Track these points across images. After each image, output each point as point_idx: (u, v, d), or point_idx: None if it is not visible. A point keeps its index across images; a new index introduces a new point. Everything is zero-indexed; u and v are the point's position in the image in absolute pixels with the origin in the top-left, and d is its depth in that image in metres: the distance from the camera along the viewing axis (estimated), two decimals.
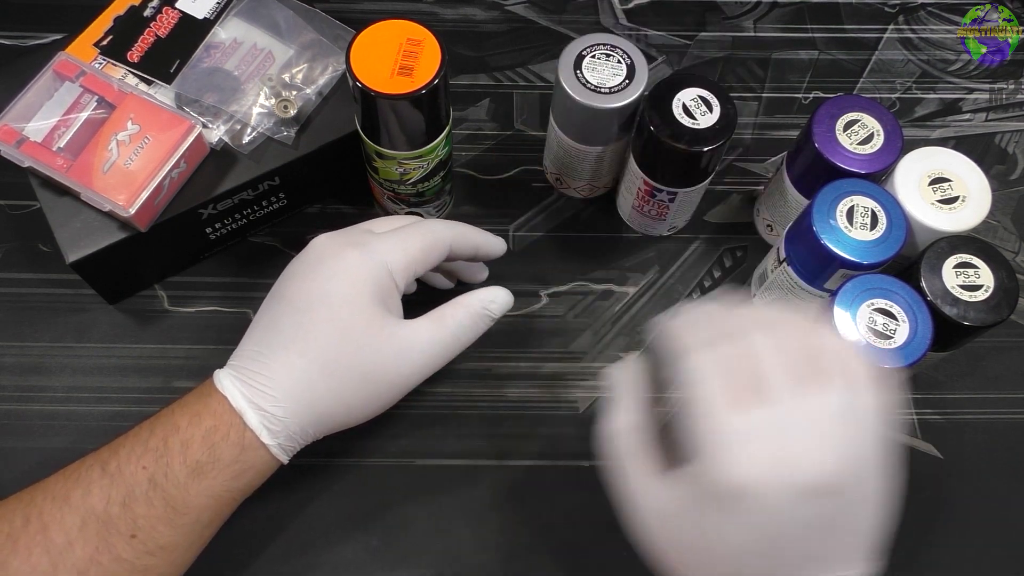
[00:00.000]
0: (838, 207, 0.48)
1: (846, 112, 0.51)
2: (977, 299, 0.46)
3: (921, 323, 0.45)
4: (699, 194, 0.56)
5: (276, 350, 0.43)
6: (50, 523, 0.40)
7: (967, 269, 0.47)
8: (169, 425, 0.43)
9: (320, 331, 0.43)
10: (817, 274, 0.49)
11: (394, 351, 0.45)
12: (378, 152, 0.50)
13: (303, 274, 0.45)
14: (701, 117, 0.50)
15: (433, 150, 0.50)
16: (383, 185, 0.53)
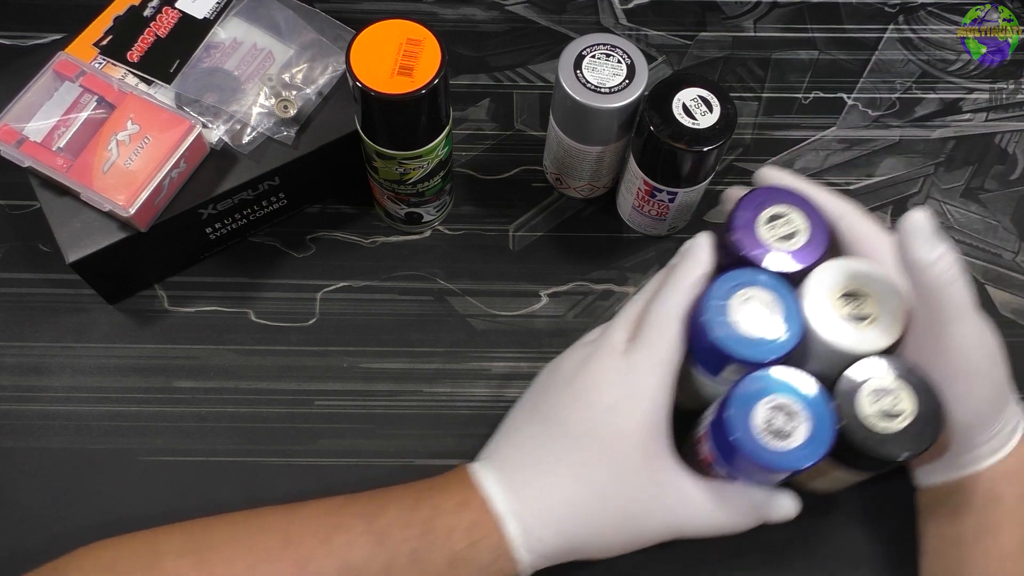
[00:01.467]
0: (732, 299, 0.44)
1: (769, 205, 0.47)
2: (892, 429, 0.42)
3: (822, 423, 0.41)
4: (699, 194, 0.56)
5: (545, 468, 0.43)
6: (310, 559, 0.40)
7: (887, 394, 0.43)
8: (433, 504, 0.42)
9: (598, 465, 0.42)
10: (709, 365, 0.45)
11: (671, 500, 0.43)
12: (378, 152, 0.50)
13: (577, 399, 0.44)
14: (701, 117, 0.50)
15: (433, 150, 0.50)
16: (383, 185, 0.53)
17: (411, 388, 0.55)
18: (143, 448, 0.53)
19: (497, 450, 0.45)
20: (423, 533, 0.41)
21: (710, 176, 0.54)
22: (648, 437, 0.43)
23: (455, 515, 0.42)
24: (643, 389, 0.43)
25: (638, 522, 0.43)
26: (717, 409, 0.43)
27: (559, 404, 0.44)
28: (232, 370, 0.55)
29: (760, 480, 0.44)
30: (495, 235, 0.60)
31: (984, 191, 0.63)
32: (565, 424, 0.43)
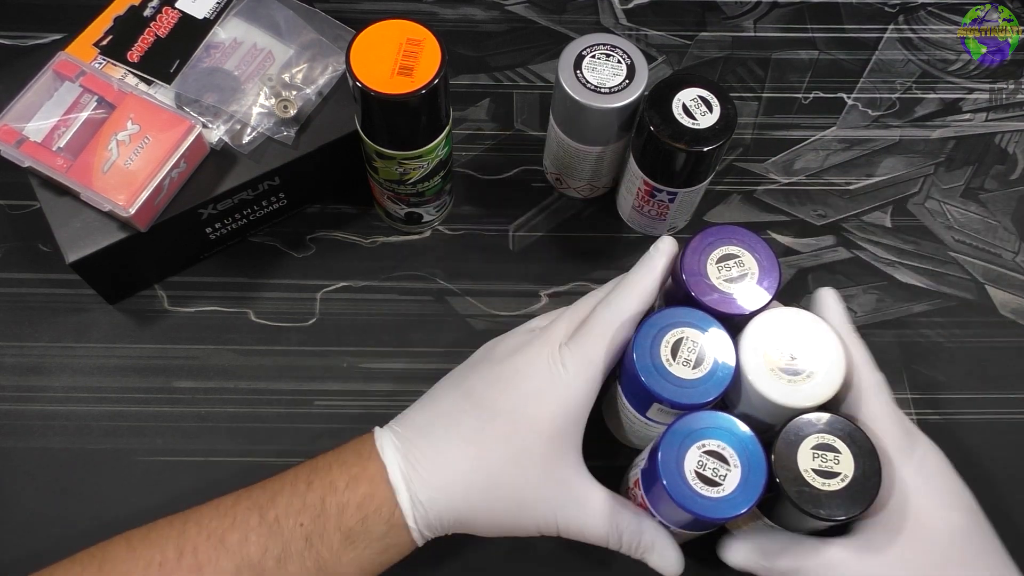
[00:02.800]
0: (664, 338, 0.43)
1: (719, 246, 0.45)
2: (831, 488, 0.41)
3: (754, 469, 0.40)
4: (699, 194, 0.56)
5: (449, 441, 0.43)
6: (205, 564, 0.40)
7: (826, 452, 0.41)
8: (327, 482, 0.42)
9: (500, 445, 0.42)
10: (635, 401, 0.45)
11: (563, 499, 0.43)
12: (378, 152, 0.50)
13: (500, 379, 0.44)
14: (701, 117, 0.50)
15: (433, 150, 0.50)
16: (383, 185, 0.53)
17: (411, 388, 0.54)
18: (143, 448, 0.53)
19: (407, 416, 0.45)
20: (315, 517, 0.41)
21: (710, 176, 0.54)
22: (559, 432, 0.43)
23: (347, 491, 0.42)
24: (568, 385, 0.43)
25: (524, 510, 0.43)
26: (648, 455, 0.43)
27: (482, 382, 0.44)
28: (232, 370, 0.55)
29: (689, 527, 0.43)
30: (495, 235, 0.60)
31: (984, 191, 0.63)
32: (482, 401, 0.43)
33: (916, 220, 0.62)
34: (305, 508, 0.42)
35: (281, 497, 0.42)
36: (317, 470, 0.43)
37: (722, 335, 0.43)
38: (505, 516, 0.43)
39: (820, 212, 0.62)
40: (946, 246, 0.61)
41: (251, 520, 0.41)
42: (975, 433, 0.55)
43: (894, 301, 0.59)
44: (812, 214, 0.61)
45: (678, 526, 0.44)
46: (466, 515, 0.43)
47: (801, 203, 0.62)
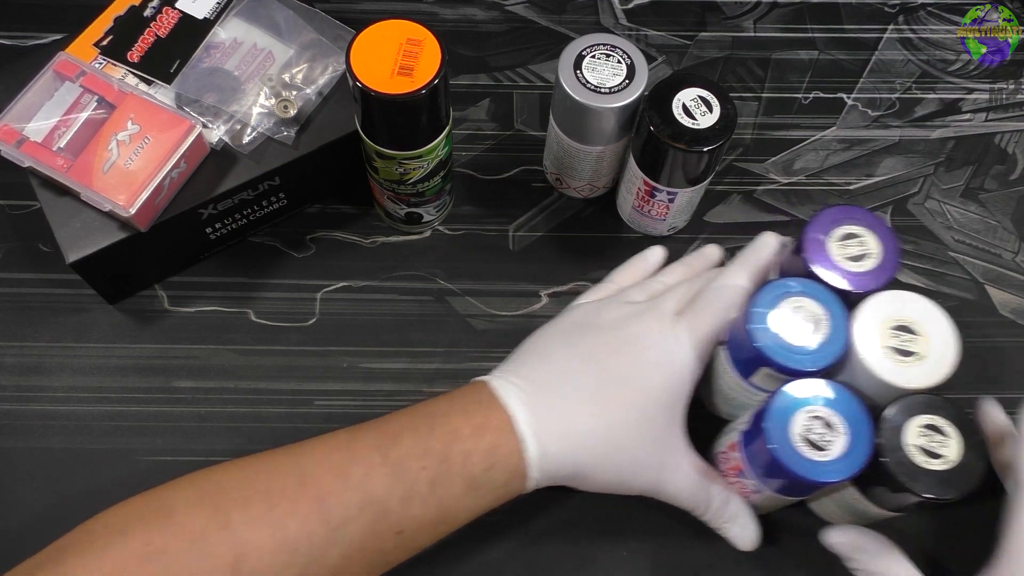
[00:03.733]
0: (780, 304, 0.44)
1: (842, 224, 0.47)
2: (932, 467, 0.41)
3: (860, 438, 0.41)
4: (699, 194, 0.56)
5: (574, 398, 0.44)
6: (329, 495, 0.40)
7: (935, 433, 0.42)
8: (449, 430, 0.42)
9: (622, 408, 0.44)
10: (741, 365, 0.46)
11: (668, 462, 0.46)
12: (378, 152, 0.50)
13: (616, 341, 0.46)
14: (701, 117, 0.50)
15: (433, 150, 0.50)
16: (383, 185, 0.53)
17: (411, 388, 0.55)
18: (143, 448, 0.53)
19: (522, 369, 0.46)
20: (440, 461, 0.41)
21: (710, 176, 0.54)
22: (674, 399, 0.46)
23: (473, 439, 0.42)
24: (683, 356, 0.46)
25: (635, 470, 0.45)
26: (752, 418, 0.44)
27: (605, 347, 0.46)
28: (232, 370, 0.55)
29: (786, 491, 0.44)
30: (495, 235, 0.60)
31: (984, 191, 0.63)
32: (604, 364, 0.45)
33: (916, 220, 0.62)
34: (428, 453, 0.42)
35: (403, 439, 0.42)
36: (435, 416, 0.43)
37: (837, 306, 0.44)
38: (618, 475, 0.45)
39: None
40: (946, 246, 0.61)
41: (373, 458, 0.41)
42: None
43: None
44: (812, 214, 0.61)
45: (772, 489, 0.45)
46: (584, 469, 0.44)
47: (801, 203, 0.62)
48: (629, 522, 0.51)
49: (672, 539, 0.51)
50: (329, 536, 0.39)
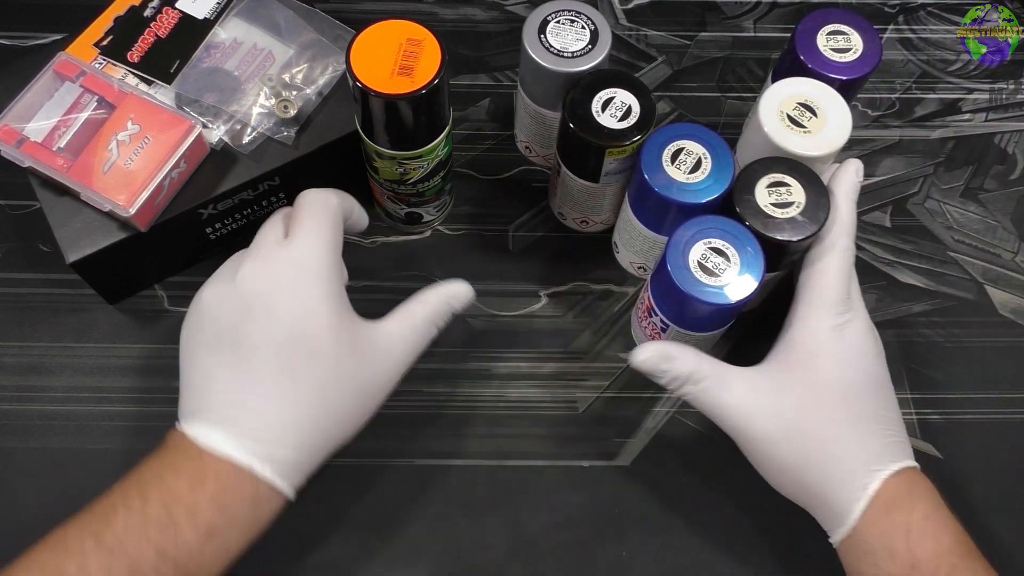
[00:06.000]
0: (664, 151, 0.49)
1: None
2: (791, 215, 0.47)
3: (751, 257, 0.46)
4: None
5: (265, 393, 0.43)
6: None
7: (780, 188, 0.48)
8: (164, 491, 0.41)
9: (304, 364, 0.43)
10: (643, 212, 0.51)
11: (375, 360, 0.46)
12: (378, 152, 0.50)
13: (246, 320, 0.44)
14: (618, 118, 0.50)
15: (433, 150, 0.50)
16: (383, 185, 0.53)
17: (411, 388, 0.55)
18: (143, 448, 0.52)
19: (203, 404, 0.43)
20: (163, 527, 0.40)
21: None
22: (334, 317, 0.45)
23: (194, 494, 0.41)
24: (314, 273, 0.45)
25: (363, 389, 0.45)
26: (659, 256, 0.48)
27: (238, 329, 0.44)
28: None
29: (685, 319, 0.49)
30: (495, 235, 0.60)
31: (984, 191, 0.63)
32: (254, 344, 0.43)
33: (916, 220, 0.62)
34: (148, 523, 0.40)
35: (116, 519, 0.40)
36: (147, 483, 0.41)
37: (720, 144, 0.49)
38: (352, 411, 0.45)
39: None
40: (946, 246, 0.61)
41: (86, 546, 0.39)
42: (975, 432, 0.55)
43: (893, 301, 0.59)
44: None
45: (673, 318, 0.49)
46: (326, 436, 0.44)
47: None
48: (629, 522, 0.51)
49: (672, 539, 0.51)
50: None
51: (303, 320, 0.44)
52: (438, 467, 0.53)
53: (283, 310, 0.44)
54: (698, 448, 0.54)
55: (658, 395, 0.55)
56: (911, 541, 0.43)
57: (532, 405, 0.55)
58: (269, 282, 0.45)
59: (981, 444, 0.55)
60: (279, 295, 0.44)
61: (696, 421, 0.54)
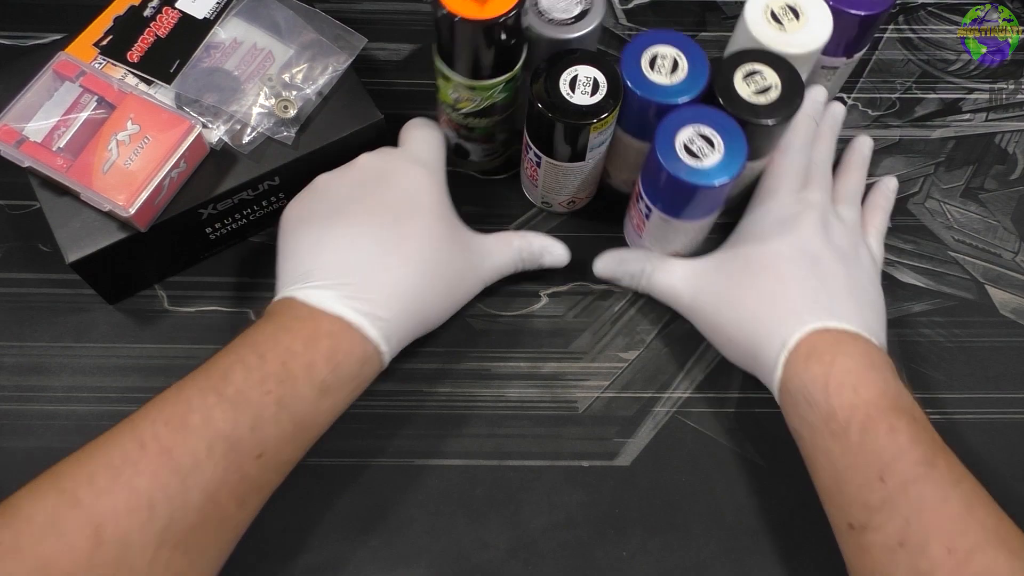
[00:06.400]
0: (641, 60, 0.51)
1: None
2: (772, 99, 0.50)
3: (734, 140, 0.48)
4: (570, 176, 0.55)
5: (374, 264, 0.46)
6: (173, 447, 0.40)
7: (754, 76, 0.50)
8: (281, 350, 0.43)
9: (417, 241, 0.47)
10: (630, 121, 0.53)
11: (475, 258, 0.51)
12: (439, 69, 0.52)
13: (371, 193, 0.48)
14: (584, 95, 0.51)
15: (488, 89, 0.51)
16: (441, 106, 0.55)
17: (411, 388, 0.55)
18: None
19: (314, 270, 0.46)
20: (281, 381, 0.42)
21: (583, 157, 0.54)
22: (444, 208, 0.50)
23: (309, 351, 0.43)
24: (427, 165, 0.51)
25: (458, 281, 0.50)
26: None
27: (354, 200, 0.48)
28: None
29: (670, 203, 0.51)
30: None
31: (984, 191, 0.63)
32: (369, 215, 0.48)
33: (916, 220, 0.62)
34: (267, 377, 0.42)
35: (234, 375, 0.42)
36: (261, 343, 0.44)
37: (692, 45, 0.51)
38: (447, 297, 0.50)
39: None
40: (946, 246, 0.61)
41: (208, 400, 0.41)
42: (975, 432, 0.55)
43: (894, 301, 0.59)
44: None
45: (658, 203, 0.51)
46: (424, 313, 0.48)
47: None
48: (629, 522, 0.51)
49: (672, 539, 0.51)
50: (184, 482, 0.39)
51: (416, 198, 0.48)
52: (438, 467, 0.53)
53: (398, 187, 0.49)
54: (698, 448, 0.54)
55: (658, 395, 0.55)
56: (829, 392, 0.45)
57: (532, 405, 0.55)
58: (385, 165, 0.50)
59: (981, 444, 0.55)
60: (395, 176, 0.49)
61: (696, 421, 0.54)
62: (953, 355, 0.57)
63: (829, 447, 0.45)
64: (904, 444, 0.43)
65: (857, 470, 0.43)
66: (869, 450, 0.43)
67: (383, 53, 0.66)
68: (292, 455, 0.44)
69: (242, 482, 0.41)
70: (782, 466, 0.53)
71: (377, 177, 0.49)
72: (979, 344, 0.58)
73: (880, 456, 0.43)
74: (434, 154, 0.52)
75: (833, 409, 0.45)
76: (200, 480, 0.40)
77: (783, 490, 0.52)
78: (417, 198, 0.48)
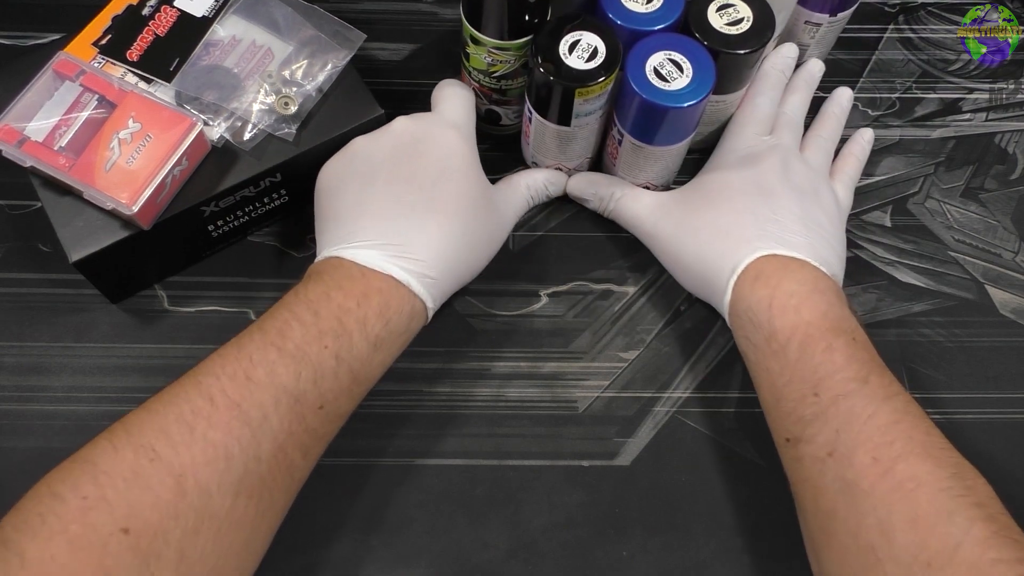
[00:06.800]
0: None
1: None
2: (743, 30, 0.52)
3: (703, 67, 0.51)
4: (560, 139, 0.58)
5: (416, 226, 0.48)
6: (241, 401, 0.42)
7: (727, 9, 0.53)
8: (334, 306, 0.45)
9: (455, 203, 0.49)
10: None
11: (499, 214, 0.54)
12: (472, 36, 0.53)
13: (407, 157, 0.50)
14: None
15: (522, 48, 0.53)
16: (471, 74, 0.57)
17: (412, 388, 0.55)
18: None
19: (358, 231, 0.48)
20: (337, 336, 0.44)
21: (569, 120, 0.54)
22: (475, 170, 0.52)
23: (362, 308, 0.45)
24: (460, 127, 0.52)
25: (489, 237, 0.53)
26: None
27: (393, 162, 0.50)
28: None
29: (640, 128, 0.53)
30: None
31: (984, 191, 0.63)
32: (409, 175, 0.49)
33: (916, 220, 0.62)
34: (323, 333, 0.44)
35: (292, 331, 0.44)
36: (314, 301, 0.45)
37: None
38: (481, 253, 0.52)
39: None
40: (946, 246, 0.61)
41: (269, 355, 0.43)
42: (975, 432, 0.55)
43: (894, 300, 0.59)
44: None
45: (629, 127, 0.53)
46: (461, 270, 0.50)
47: None
48: (629, 522, 0.51)
49: (672, 539, 0.51)
50: (256, 433, 0.41)
51: (449, 162, 0.50)
52: (438, 467, 0.53)
53: (433, 151, 0.50)
54: (698, 448, 0.54)
55: (658, 395, 0.55)
56: (772, 312, 0.48)
57: (532, 405, 0.55)
58: (420, 129, 0.51)
59: (981, 444, 0.55)
60: (429, 140, 0.51)
61: (696, 421, 0.54)
62: (953, 355, 0.57)
63: (769, 365, 0.48)
64: (839, 362, 0.45)
65: (793, 386, 0.46)
66: (806, 367, 0.46)
67: (383, 53, 0.66)
68: (348, 407, 0.46)
69: (306, 433, 0.44)
70: (782, 466, 0.53)
71: (413, 141, 0.50)
72: (979, 344, 0.58)
73: (815, 372, 0.46)
74: (466, 115, 0.54)
75: (775, 329, 0.47)
76: (269, 432, 0.42)
77: (783, 490, 0.52)
78: (451, 162, 0.50)
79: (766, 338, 0.48)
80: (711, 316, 0.57)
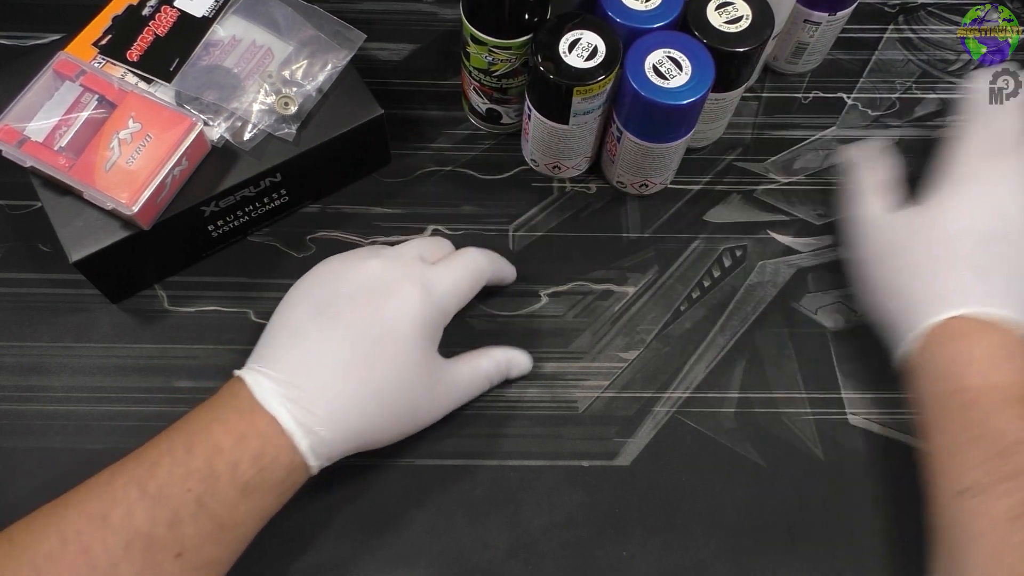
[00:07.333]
0: None
1: None
2: (742, 28, 0.53)
3: (702, 65, 0.51)
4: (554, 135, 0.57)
5: (332, 375, 0.45)
6: (91, 544, 0.40)
7: (727, 7, 0.53)
8: (209, 445, 0.42)
9: (384, 366, 0.46)
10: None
11: (441, 391, 0.49)
12: (473, 36, 0.53)
13: (364, 302, 0.46)
14: None
15: (523, 46, 0.53)
16: (471, 74, 0.57)
17: None
18: None
19: (277, 355, 0.46)
20: (204, 479, 0.42)
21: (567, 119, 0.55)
22: (425, 339, 0.48)
23: (237, 450, 0.42)
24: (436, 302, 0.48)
25: (419, 412, 0.49)
26: None
27: (351, 311, 0.46)
28: (232, 370, 0.55)
29: (639, 126, 0.53)
30: (495, 235, 0.60)
31: None
32: (353, 328, 0.46)
33: None
34: (190, 474, 0.42)
35: (160, 468, 0.42)
36: (194, 433, 0.43)
37: None
38: (400, 425, 0.48)
39: (820, 212, 0.62)
40: None
41: (131, 494, 0.41)
42: None
43: None
44: (812, 214, 0.62)
45: (629, 126, 0.53)
46: (363, 437, 0.46)
47: (801, 203, 0.62)
48: (629, 522, 0.51)
49: (672, 539, 0.51)
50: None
51: (399, 322, 0.46)
52: (438, 467, 0.53)
53: (390, 305, 0.47)
54: (698, 448, 0.54)
55: (658, 395, 0.55)
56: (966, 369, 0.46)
57: (532, 405, 0.55)
58: (391, 278, 0.48)
59: None
60: (393, 293, 0.47)
61: (696, 421, 0.54)
62: None
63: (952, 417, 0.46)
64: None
65: (978, 444, 0.45)
66: (995, 429, 0.45)
67: (383, 53, 0.66)
68: (216, 554, 0.43)
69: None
70: (782, 466, 0.53)
71: (379, 287, 0.47)
72: None
73: (1004, 436, 0.44)
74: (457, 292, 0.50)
75: (965, 386, 0.46)
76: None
77: (783, 490, 0.52)
78: (401, 322, 0.46)
79: (952, 391, 0.47)
80: (711, 316, 0.57)
